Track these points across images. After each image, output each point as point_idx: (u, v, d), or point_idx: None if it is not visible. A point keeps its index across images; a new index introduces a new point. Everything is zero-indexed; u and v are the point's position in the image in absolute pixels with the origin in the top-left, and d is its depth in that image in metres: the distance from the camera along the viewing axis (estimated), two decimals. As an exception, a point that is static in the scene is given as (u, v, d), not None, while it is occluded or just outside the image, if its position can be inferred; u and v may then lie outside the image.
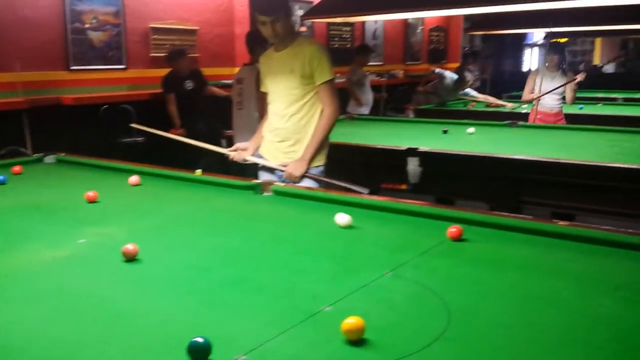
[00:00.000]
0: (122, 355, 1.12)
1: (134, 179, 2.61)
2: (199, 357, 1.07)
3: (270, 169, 2.91)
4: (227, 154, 2.97)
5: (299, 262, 1.63)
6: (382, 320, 1.25)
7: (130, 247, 1.64)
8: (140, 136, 5.59)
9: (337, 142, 3.01)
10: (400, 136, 4.26)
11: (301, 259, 1.66)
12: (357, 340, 1.14)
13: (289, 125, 2.83)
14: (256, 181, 2.52)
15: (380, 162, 3.61)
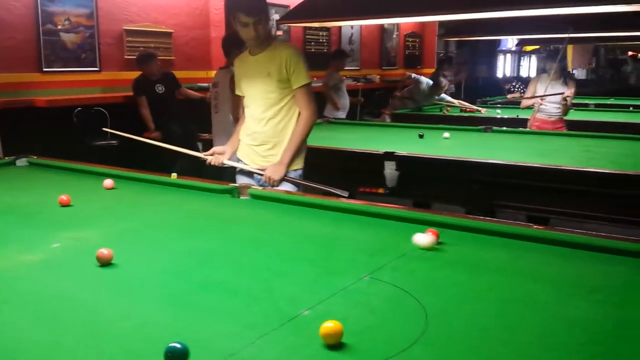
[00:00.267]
0: (100, 359, 1.10)
1: (108, 183, 2.57)
2: (177, 362, 1.06)
3: (248, 173, 2.90)
4: (204, 158, 2.94)
5: (278, 266, 1.62)
6: (360, 323, 1.25)
7: (104, 251, 1.61)
8: (114, 139, 5.52)
9: (314, 145, 3.02)
10: (377, 140, 4.28)
11: (280, 263, 1.65)
12: (335, 344, 1.14)
13: (267, 129, 2.82)
14: (233, 185, 2.50)
15: (357, 166, 3.63)
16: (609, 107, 7.44)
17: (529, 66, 15.80)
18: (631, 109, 7.18)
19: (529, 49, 14.47)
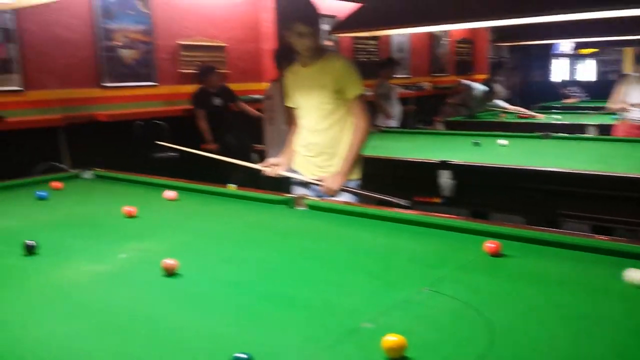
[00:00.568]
0: (167, 371, 1.13)
1: (170, 194, 2.65)
2: (243, 373, 1.08)
3: (305, 184, 2.91)
4: (260, 169, 2.98)
5: (336, 277, 1.63)
6: (423, 337, 1.23)
7: (170, 261, 1.66)
8: (173, 151, 5.68)
9: (366, 155, 3.01)
10: (430, 148, 4.24)
11: (338, 274, 1.66)
12: (398, 358, 1.13)
13: (324, 139, 2.84)
14: (289, 195, 2.53)
15: (411, 176, 3.60)
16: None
17: (586, 70, 15.25)
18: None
19: (586, 52, 13.98)
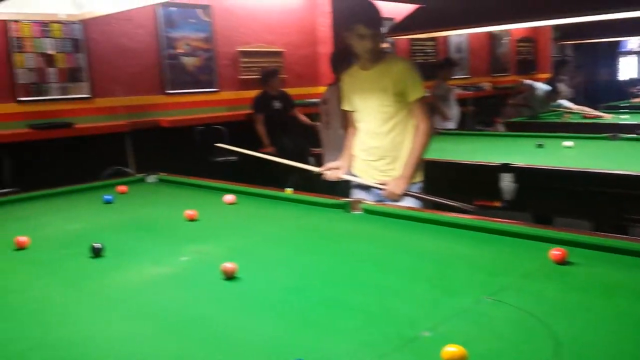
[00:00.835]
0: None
1: (229, 198, 2.70)
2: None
3: (365, 188, 2.88)
4: (321, 173, 2.96)
5: (393, 284, 1.61)
6: (484, 348, 1.19)
7: (229, 265, 1.69)
8: (233, 155, 5.80)
9: (425, 158, 2.96)
10: (490, 151, 4.14)
11: (395, 280, 1.63)
12: (459, 368, 1.10)
13: (385, 143, 2.80)
14: (345, 199, 2.53)
15: (471, 179, 3.52)
16: None
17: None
18: None
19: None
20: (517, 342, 1.23)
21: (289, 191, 2.71)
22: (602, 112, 6.54)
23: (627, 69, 13.70)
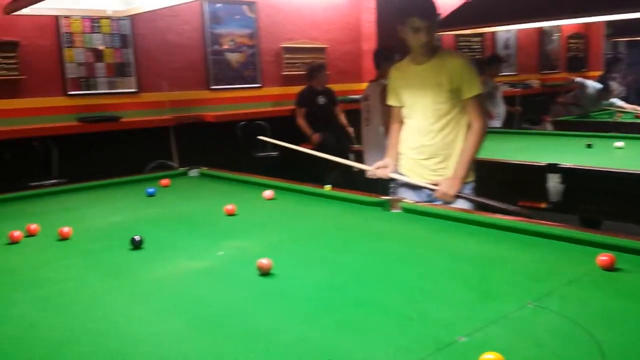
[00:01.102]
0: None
1: (268, 193, 2.70)
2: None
3: (413, 187, 2.77)
4: (369, 171, 2.87)
5: (431, 286, 1.56)
6: (524, 356, 1.15)
7: (265, 261, 1.68)
8: (274, 151, 5.84)
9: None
10: (537, 150, 4.02)
11: (433, 283, 1.59)
12: (496, 376, 1.06)
13: (437, 141, 2.69)
14: (385, 198, 2.49)
15: (516, 179, 3.42)
16: None
17: None
18: None
19: None
20: (559, 351, 1.17)
21: (327, 188, 2.69)
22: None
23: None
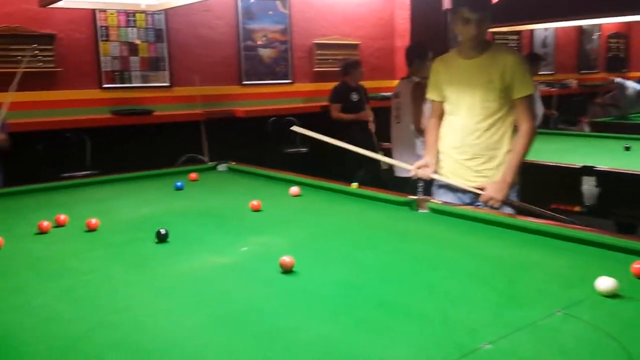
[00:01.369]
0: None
1: (294, 190, 2.69)
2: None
3: (453, 190, 2.67)
4: (410, 170, 2.75)
5: (456, 289, 1.52)
6: (551, 366, 1.10)
7: (287, 259, 1.66)
8: (302, 147, 5.83)
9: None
10: (573, 152, 3.92)
11: (458, 286, 1.55)
12: (521, 386, 1.02)
13: (482, 141, 2.58)
14: (412, 197, 2.44)
15: (550, 181, 3.33)
16: None
17: None
18: None
19: None
20: (589, 363, 1.12)
21: (354, 186, 2.66)
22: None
23: None
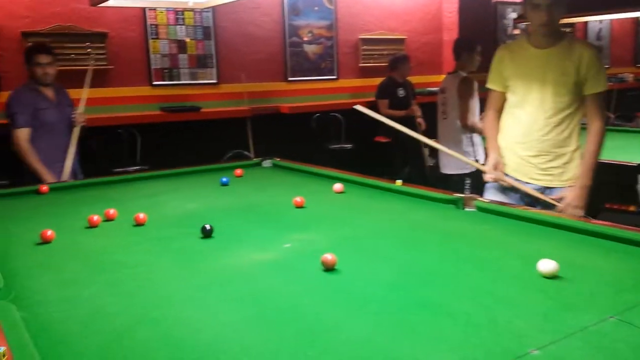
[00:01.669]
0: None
1: (338, 187, 2.68)
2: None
3: (510, 190, 2.56)
4: (486, 175, 2.63)
5: (502, 291, 1.48)
6: (603, 374, 1.06)
7: (329, 257, 1.65)
8: (347, 143, 5.82)
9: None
10: (629, 149, 3.75)
11: (505, 288, 1.50)
12: (570, 395, 0.98)
13: (551, 137, 2.49)
14: (458, 195, 2.39)
15: (604, 180, 3.19)
16: None
17: None
18: None
19: None
20: (644, 373, 1.07)
21: (398, 183, 2.63)
22: None
23: None
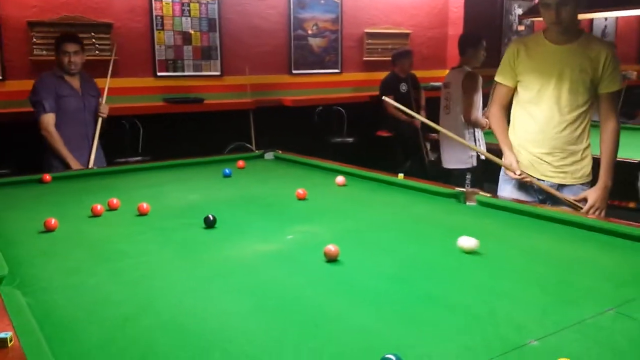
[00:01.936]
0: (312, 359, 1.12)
1: (340, 179, 2.70)
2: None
3: (526, 188, 2.56)
4: (512, 174, 2.59)
5: (502, 285, 1.49)
6: (600, 366, 1.07)
7: (332, 248, 1.67)
8: (349, 137, 5.82)
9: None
10: (630, 146, 3.74)
11: (504, 282, 1.52)
12: (567, 386, 1.00)
13: (564, 135, 2.49)
14: (460, 189, 2.40)
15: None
16: None
17: None
18: None
19: None
20: (640, 365, 1.09)
21: (400, 176, 2.64)
22: None
23: None
